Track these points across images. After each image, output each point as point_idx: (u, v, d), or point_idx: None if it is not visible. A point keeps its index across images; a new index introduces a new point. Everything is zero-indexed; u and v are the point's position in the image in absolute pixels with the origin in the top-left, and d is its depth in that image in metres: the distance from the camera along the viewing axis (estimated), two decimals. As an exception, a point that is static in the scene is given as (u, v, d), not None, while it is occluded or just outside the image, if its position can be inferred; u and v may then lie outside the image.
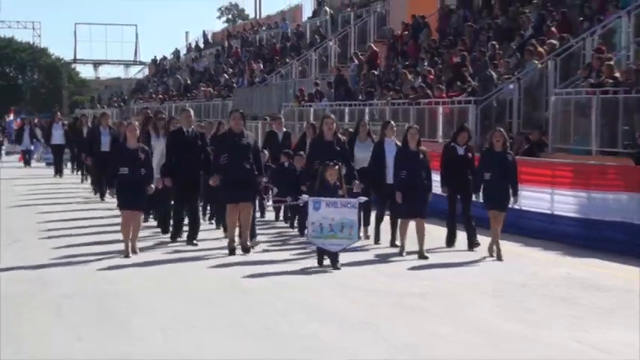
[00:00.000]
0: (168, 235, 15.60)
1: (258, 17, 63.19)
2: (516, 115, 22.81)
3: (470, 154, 15.10)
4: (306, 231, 13.95)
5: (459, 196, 14.95)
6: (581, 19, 24.66)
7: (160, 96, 53.37)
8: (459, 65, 26.26)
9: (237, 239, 14.19)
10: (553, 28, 24.78)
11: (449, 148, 15.21)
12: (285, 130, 19.82)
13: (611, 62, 20.39)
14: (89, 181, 25.69)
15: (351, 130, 17.08)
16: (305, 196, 13.43)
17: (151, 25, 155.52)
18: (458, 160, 14.95)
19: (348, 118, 29.02)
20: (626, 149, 17.98)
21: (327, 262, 13.06)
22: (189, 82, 52.88)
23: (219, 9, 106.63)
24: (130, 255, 13.74)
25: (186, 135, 15.12)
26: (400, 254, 14.12)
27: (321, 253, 13.09)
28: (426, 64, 29.19)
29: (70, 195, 23.80)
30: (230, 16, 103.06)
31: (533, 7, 27.43)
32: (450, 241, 15.16)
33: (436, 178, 15.03)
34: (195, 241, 15.03)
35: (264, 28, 53.41)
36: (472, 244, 14.85)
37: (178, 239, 15.26)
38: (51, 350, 8.52)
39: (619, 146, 18.69)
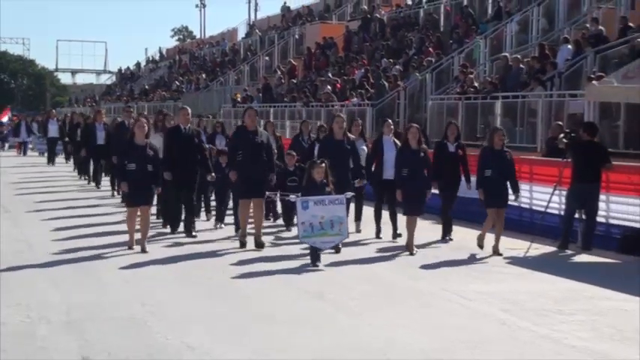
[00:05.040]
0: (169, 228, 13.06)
1: (203, 37, 62.43)
2: (402, 116, 23.11)
3: (461, 152, 12.62)
4: (296, 230, 11.19)
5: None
6: (451, 41, 25.06)
7: (125, 98, 52.60)
8: (362, 76, 26.50)
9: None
10: (430, 49, 25.14)
11: (440, 145, 12.72)
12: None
13: (472, 75, 20.81)
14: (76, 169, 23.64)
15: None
16: (293, 196, 11.12)
17: (117, 42, 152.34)
18: (448, 157, 12.48)
19: (272, 117, 29.05)
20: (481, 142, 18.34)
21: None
22: (147, 87, 52.22)
23: (173, 30, 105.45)
24: (134, 247, 11.21)
25: (183, 132, 12.54)
26: (411, 254, 11.31)
27: (314, 252, 10.46)
28: (331, 75, 29.33)
29: (61, 180, 22.30)
30: (181, 36, 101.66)
31: (416, 32, 27.77)
32: (444, 233, 12.69)
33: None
34: (194, 233, 12.53)
35: (207, 45, 52.88)
36: (446, 235, 12.62)
37: (177, 231, 12.77)
38: (32, 296, 8.44)
39: (478, 140, 19.08)
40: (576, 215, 12.22)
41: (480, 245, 11.62)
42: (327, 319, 7.71)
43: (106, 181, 19.21)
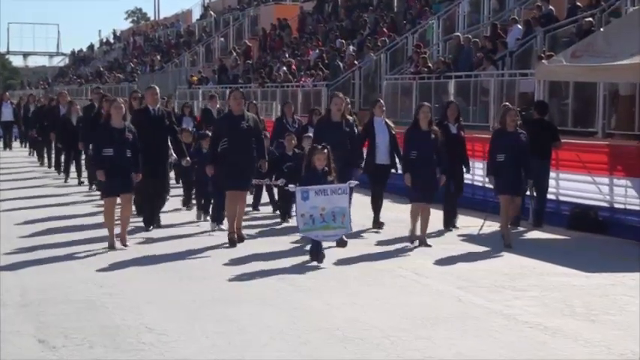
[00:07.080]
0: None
1: (157, 18, 61.66)
2: (357, 95, 23.15)
3: (463, 133, 11.69)
4: (292, 220, 10.34)
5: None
6: (405, 22, 25.10)
7: (79, 80, 51.80)
8: (317, 57, 26.44)
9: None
10: (384, 29, 25.15)
11: (441, 127, 11.16)
12: (218, 106, 16.60)
13: (426, 55, 20.88)
14: (35, 154, 22.63)
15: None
16: (292, 186, 9.65)
17: (70, 24, 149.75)
18: (450, 140, 11.17)
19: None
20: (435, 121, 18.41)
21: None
22: (101, 69, 51.46)
23: (126, 12, 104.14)
24: (117, 246, 9.99)
25: (152, 114, 11.28)
26: (411, 242, 10.49)
27: (316, 246, 9.33)
28: (287, 55, 29.22)
29: (20, 166, 21.31)
30: (135, 18, 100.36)
31: (370, 12, 27.74)
32: (447, 222, 11.78)
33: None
34: (155, 224, 11.37)
35: (161, 27, 52.27)
36: (452, 224, 11.79)
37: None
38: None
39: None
40: (527, 193, 12.36)
41: (508, 243, 10.39)
42: (286, 299, 7.70)
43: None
